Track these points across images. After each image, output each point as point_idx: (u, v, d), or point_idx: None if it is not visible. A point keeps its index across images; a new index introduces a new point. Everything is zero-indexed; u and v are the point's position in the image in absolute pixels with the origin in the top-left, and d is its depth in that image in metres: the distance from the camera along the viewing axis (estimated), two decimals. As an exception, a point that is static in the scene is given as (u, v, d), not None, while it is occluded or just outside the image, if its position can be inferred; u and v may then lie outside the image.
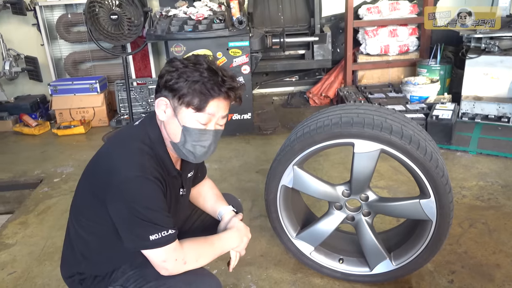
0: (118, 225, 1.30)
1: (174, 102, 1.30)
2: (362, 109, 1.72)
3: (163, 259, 1.30)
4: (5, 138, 4.37)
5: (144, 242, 1.27)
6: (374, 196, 1.77)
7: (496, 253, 2.09)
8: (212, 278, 1.42)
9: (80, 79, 4.57)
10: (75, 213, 1.44)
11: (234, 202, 1.88)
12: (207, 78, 1.27)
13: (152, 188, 1.27)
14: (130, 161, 1.28)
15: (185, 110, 1.29)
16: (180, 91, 1.27)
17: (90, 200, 1.36)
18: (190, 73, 1.27)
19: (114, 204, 1.28)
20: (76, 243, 1.45)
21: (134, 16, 3.66)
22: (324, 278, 1.98)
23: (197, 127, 1.32)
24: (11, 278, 2.14)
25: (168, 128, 1.35)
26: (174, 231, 1.30)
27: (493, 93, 3.73)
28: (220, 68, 1.32)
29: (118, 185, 1.25)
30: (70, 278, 1.49)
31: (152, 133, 1.37)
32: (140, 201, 1.25)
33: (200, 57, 1.33)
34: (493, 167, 2.98)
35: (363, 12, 4.58)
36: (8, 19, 4.79)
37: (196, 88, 1.26)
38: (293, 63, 5.02)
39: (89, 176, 1.40)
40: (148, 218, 1.25)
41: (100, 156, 1.40)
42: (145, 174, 1.26)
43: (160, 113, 1.34)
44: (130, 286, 1.40)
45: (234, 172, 3.19)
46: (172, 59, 1.35)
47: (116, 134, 1.45)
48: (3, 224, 2.69)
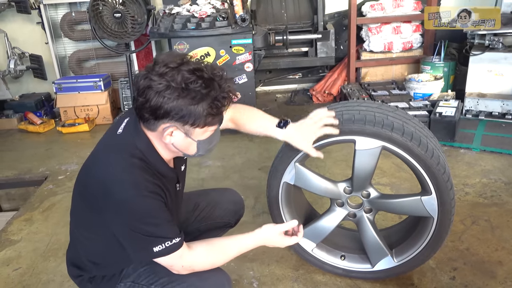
0: (122, 241, 1.31)
1: (186, 127, 1.25)
2: (364, 106, 1.72)
3: (170, 265, 1.32)
4: (10, 136, 4.41)
5: (149, 253, 1.27)
6: (376, 193, 1.77)
7: (499, 250, 2.09)
8: (223, 274, 1.44)
9: (84, 77, 4.59)
10: (76, 225, 1.45)
11: (236, 197, 1.90)
12: (210, 96, 1.20)
13: (150, 203, 1.25)
14: (122, 181, 1.24)
15: (199, 130, 1.27)
16: (191, 118, 1.21)
17: (88, 216, 1.36)
18: (191, 97, 1.18)
19: (114, 224, 1.28)
20: (81, 250, 1.46)
21: (137, 14, 3.68)
22: (326, 274, 1.99)
23: (211, 134, 1.33)
24: (16, 274, 2.17)
25: (178, 146, 1.31)
26: (178, 239, 1.29)
27: (497, 90, 3.71)
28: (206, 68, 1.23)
29: (115, 207, 1.24)
30: (78, 278, 1.51)
31: (140, 143, 1.30)
32: (140, 219, 1.24)
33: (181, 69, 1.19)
34: (497, 164, 2.97)
35: (366, 9, 4.56)
36: (12, 18, 4.81)
37: (206, 110, 1.21)
38: (296, 61, 5.01)
39: (83, 194, 1.37)
40: (150, 233, 1.25)
41: (88, 174, 1.34)
42: (139, 191, 1.23)
43: (166, 138, 1.27)
44: (142, 282, 1.41)
45: (237, 169, 3.20)
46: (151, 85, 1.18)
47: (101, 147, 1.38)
48: (9, 221, 2.72)
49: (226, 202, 1.86)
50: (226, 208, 1.85)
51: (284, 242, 1.51)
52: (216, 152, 3.47)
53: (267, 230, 1.48)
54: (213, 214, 1.82)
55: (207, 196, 1.86)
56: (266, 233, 1.48)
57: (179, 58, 1.23)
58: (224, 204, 1.85)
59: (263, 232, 1.48)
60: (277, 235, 1.49)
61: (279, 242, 1.51)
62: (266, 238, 1.48)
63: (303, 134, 1.61)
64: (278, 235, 1.49)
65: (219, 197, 1.87)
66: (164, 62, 1.21)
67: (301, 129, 1.62)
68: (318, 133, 1.59)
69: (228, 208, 1.86)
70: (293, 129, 1.62)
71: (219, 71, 1.25)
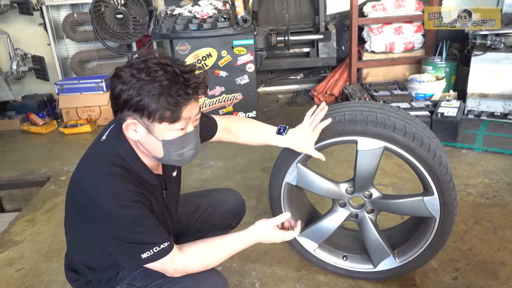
0: (110, 250, 1.30)
1: (144, 120, 1.19)
2: (366, 107, 1.72)
3: (162, 269, 1.32)
4: (12, 137, 4.42)
5: (138, 260, 1.27)
6: (378, 194, 1.77)
7: (501, 250, 2.09)
8: (219, 276, 1.43)
9: (86, 78, 4.60)
10: (69, 231, 1.45)
11: (237, 197, 1.90)
12: (169, 87, 1.14)
13: (132, 212, 1.23)
14: (104, 191, 1.22)
15: (158, 126, 1.20)
16: (148, 108, 1.15)
17: (78, 223, 1.36)
18: (149, 86, 1.14)
19: (100, 234, 1.28)
20: (76, 255, 1.47)
21: (139, 15, 3.69)
22: (328, 275, 1.99)
23: (177, 136, 1.24)
24: (19, 275, 2.18)
25: (146, 146, 1.27)
26: (167, 244, 1.28)
27: (499, 90, 3.70)
28: (175, 64, 1.18)
29: (99, 218, 1.23)
30: (76, 282, 1.51)
31: (122, 150, 1.28)
32: (124, 228, 1.23)
33: (148, 61, 1.17)
34: (499, 164, 2.96)
35: (368, 9, 4.56)
36: (15, 19, 4.83)
37: (163, 102, 1.14)
38: (298, 61, 5.02)
39: (72, 202, 1.37)
40: (136, 240, 1.24)
41: (76, 183, 1.33)
42: (120, 202, 1.21)
43: (132, 135, 1.24)
44: (137, 284, 1.41)
45: (239, 169, 3.20)
46: (118, 73, 1.18)
47: (87, 155, 1.37)
48: (11, 222, 2.73)
49: (227, 203, 1.85)
50: (227, 209, 1.84)
51: (279, 237, 1.50)
52: (218, 153, 3.47)
53: (260, 226, 1.47)
54: (214, 216, 1.82)
55: (207, 197, 1.85)
56: (260, 229, 1.47)
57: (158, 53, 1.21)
58: (225, 205, 1.84)
59: (257, 228, 1.47)
60: (271, 230, 1.47)
61: (274, 237, 1.49)
62: (261, 234, 1.47)
63: (303, 138, 1.62)
64: (272, 230, 1.47)
65: (220, 198, 1.85)
66: (141, 55, 1.20)
67: (300, 134, 1.63)
68: (316, 133, 1.61)
69: (229, 209, 1.85)
70: (292, 135, 1.64)
71: (192, 68, 1.20)
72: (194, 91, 1.19)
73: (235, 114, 3.89)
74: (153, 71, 1.14)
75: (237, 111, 3.89)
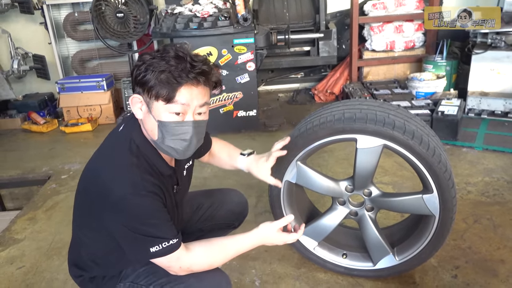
0: (119, 240, 1.31)
1: (145, 96, 1.25)
2: (365, 105, 1.72)
3: (167, 266, 1.32)
4: (13, 136, 4.43)
5: (146, 254, 1.27)
6: (377, 192, 1.78)
7: (501, 248, 2.09)
8: (223, 275, 1.43)
9: (87, 77, 4.61)
10: (78, 224, 1.45)
11: (240, 198, 1.90)
12: (174, 66, 1.20)
13: (148, 202, 1.24)
14: (120, 180, 1.24)
15: (156, 103, 1.23)
16: (148, 83, 1.21)
17: (88, 214, 1.36)
18: (157, 63, 1.21)
19: (111, 223, 1.28)
20: (83, 249, 1.46)
21: (140, 14, 3.70)
22: (328, 273, 1.99)
23: (173, 120, 1.25)
24: (20, 273, 2.18)
25: (146, 126, 1.30)
26: (176, 240, 1.28)
27: (500, 88, 3.70)
28: (190, 54, 1.24)
29: (113, 206, 1.23)
30: (79, 278, 1.51)
31: (136, 137, 1.32)
32: (137, 218, 1.23)
33: (169, 46, 1.27)
34: (499, 163, 2.96)
35: (368, 8, 4.56)
36: (16, 18, 4.84)
37: (163, 78, 1.19)
38: (298, 60, 5.02)
39: (83, 191, 1.38)
40: (147, 233, 1.24)
41: (91, 170, 1.35)
42: (137, 190, 1.23)
43: (137, 112, 1.29)
44: (141, 282, 1.41)
45: (239, 168, 3.20)
46: (142, 54, 1.29)
47: (103, 145, 1.39)
48: (12, 220, 2.74)
49: (230, 203, 1.85)
50: (230, 209, 1.84)
51: (282, 239, 1.49)
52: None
53: (264, 228, 1.47)
54: (216, 215, 1.82)
55: (211, 197, 1.85)
56: (264, 232, 1.46)
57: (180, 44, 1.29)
58: (228, 205, 1.84)
59: (261, 231, 1.46)
60: (275, 233, 1.47)
61: (278, 240, 1.49)
62: (264, 237, 1.47)
63: (260, 164, 1.69)
64: (276, 233, 1.47)
65: (223, 198, 1.86)
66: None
67: (258, 159, 1.69)
68: (271, 160, 1.66)
69: (232, 209, 1.84)
70: (252, 159, 1.71)
71: (202, 60, 1.26)
72: (196, 75, 1.22)
73: (236, 113, 3.89)
74: (166, 52, 1.23)
75: (238, 109, 3.89)
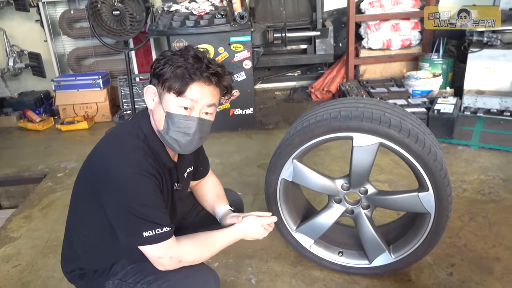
0: (113, 221, 1.32)
1: (159, 88, 1.32)
2: (361, 103, 1.73)
3: (158, 255, 1.32)
4: (9, 134, 4.41)
5: (138, 238, 1.27)
6: (373, 190, 1.78)
7: (496, 246, 2.10)
8: (211, 272, 1.44)
9: (83, 75, 4.60)
10: (74, 209, 1.47)
11: (235, 197, 1.89)
12: (191, 64, 1.28)
13: (148, 184, 1.27)
14: (125, 158, 1.28)
15: (167, 95, 1.30)
16: (163, 75, 1.29)
17: (87, 197, 1.37)
18: (176, 59, 1.29)
19: (109, 200, 1.29)
20: (75, 238, 1.47)
21: (136, 11, 3.68)
22: (324, 270, 2.00)
23: (180, 113, 1.30)
24: (16, 271, 2.18)
25: (155, 116, 1.36)
26: (169, 229, 1.30)
27: (496, 87, 3.71)
28: (208, 58, 1.33)
29: (114, 182, 1.25)
30: (70, 273, 1.52)
31: (144, 126, 1.37)
32: (135, 198, 1.25)
33: (191, 47, 1.35)
34: (495, 161, 2.98)
35: (365, 6, 4.56)
36: (11, 16, 4.81)
37: (178, 73, 1.27)
38: (295, 58, 5.01)
39: (85, 173, 1.41)
40: (143, 215, 1.25)
41: (96, 153, 1.40)
42: (140, 170, 1.26)
43: (149, 102, 1.36)
44: (129, 280, 1.41)
45: (236, 166, 3.21)
46: (165, 50, 1.38)
47: (112, 130, 1.45)
48: (8, 218, 2.73)
49: None
50: None
51: (263, 234, 1.55)
52: (215, 149, 3.47)
53: (249, 222, 1.51)
54: (211, 214, 1.82)
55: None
56: (249, 225, 1.51)
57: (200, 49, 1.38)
58: None
59: (246, 224, 1.51)
60: (259, 227, 1.52)
61: (259, 234, 1.54)
62: (249, 230, 1.51)
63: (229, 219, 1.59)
64: (260, 227, 1.53)
65: None
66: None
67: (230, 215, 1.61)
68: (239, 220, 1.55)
69: None
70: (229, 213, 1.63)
71: (218, 64, 1.34)
72: (209, 75, 1.29)
73: (232, 111, 3.89)
74: (187, 51, 1.32)
75: (234, 107, 3.89)
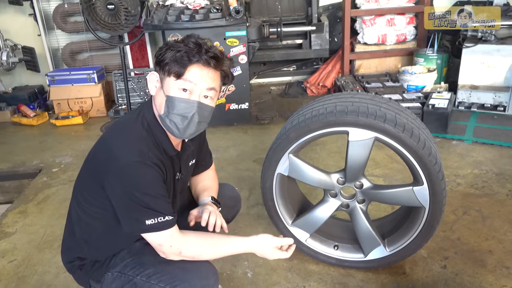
0: (117, 209, 1.34)
1: (161, 74, 1.35)
2: (357, 98, 1.74)
3: (159, 243, 1.34)
4: (3, 129, 4.38)
5: (140, 226, 1.30)
6: (369, 184, 1.79)
7: (489, 239, 2.12)
8: (209, 266, 1.44)
9: (77, 70, 4.57)
10: (77, 198, 1.47)
11: (231, 192, 1.90)
12: (191, 48, 1.31)
13: (151, 173, 1.29)
14: (129, 147, 1.30)
15: (168, 79, 1.33)
16: (164, 60, 1.32)
17: (91, 185, 1.39)
18: (177, 45, 1.33)
19: (113, 189, 1.31)
20: (77, 227, 1.47)
21: (131, 6, 3.65)
22: (320, 264, 2.02)
23: (179, 96, 1.32)
24: (11, 266, 2.18)
25: (156, 101, 1.38)
26: (171, 218, 1.32)
27: (490, 82, 3.73)
28: (208, 44, 1.35)
29: (117, 171, 1.28)
30: (70, 263, 1.53)
31: (147, 113, 1.39)
32: (139, 187, 1.27)
33: (193, 35, 1.38)
34: (488, 155, 3.00)
35: (360, 1, 4.56)
36: (4, 9, 4.77)
37: (177, 56, 1.30)
38: (290, 53, 5.02)
39: (90, 161, 1.43)
40: (146, 204, 1.28)
41: (101, 142, 1.42)
42: (144, 159, 1.28)
43: (151, 88, 1.39)
44: (128, 272, 1.42)
45: (231, 161, 3.21)
46: (168, 41, 1.41)
47: (118, 120, 1.49)
48: (3, 213, 2.72)
49: (222, 197, 1.83)
50: (223, 204, 1.84)
51: (274, 256, 1.50)
52: (211, 144, 3.44)
53: (263, 240, 1.47)
54: None
55: None
56: (261, 243, 1.47)
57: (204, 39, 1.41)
58: (220, 199, 1.84)
59: (259, 241, 1.47)
60: (271, 248, 1.48)
61: (270, 255, 1.49)
62: (260, 248, 1.47)
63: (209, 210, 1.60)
64: (272, 248, 1.48)
65: None
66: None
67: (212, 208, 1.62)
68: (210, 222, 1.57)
69: (225, 204, 1.83)
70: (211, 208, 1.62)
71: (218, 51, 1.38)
72: (208, 58, 1.32)
73: (228, 105, 3.89)
74: (188, 38, 1.35)
75: (230, 102, 3.88)
